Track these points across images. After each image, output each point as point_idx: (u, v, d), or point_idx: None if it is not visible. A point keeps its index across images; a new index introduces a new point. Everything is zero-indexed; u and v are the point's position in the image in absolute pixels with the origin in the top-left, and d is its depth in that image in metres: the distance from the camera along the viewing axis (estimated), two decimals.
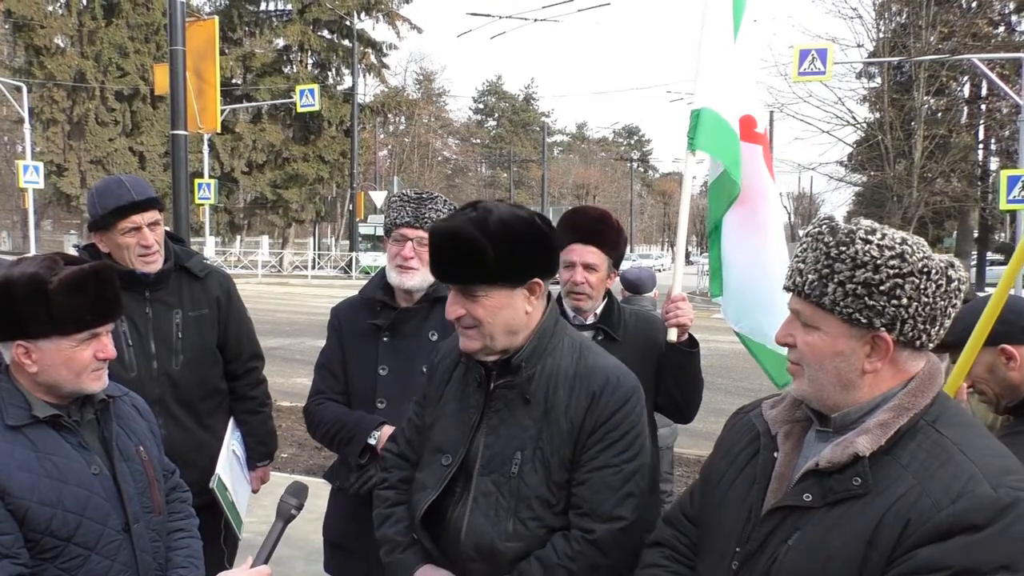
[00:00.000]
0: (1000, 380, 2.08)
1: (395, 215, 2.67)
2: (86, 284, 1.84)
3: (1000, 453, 1.38)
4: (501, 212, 1.78)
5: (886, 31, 27.00)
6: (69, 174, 37.76)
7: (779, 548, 1.45)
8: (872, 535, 1.33)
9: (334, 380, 2.75)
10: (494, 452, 1.86)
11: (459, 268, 1.80)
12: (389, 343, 2.66)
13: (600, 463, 1.82)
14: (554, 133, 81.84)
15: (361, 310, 2.77)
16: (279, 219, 44.37)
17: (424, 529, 1.93)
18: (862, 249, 1.39)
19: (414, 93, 59.51)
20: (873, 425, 1.41)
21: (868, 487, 1.37)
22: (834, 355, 1.44)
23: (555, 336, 1.91)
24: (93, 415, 1.96)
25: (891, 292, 1.38)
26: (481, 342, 1.84)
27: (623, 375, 1.91)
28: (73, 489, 1.82)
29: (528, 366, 1.86)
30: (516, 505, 1.83)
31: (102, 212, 2.69)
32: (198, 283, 2.93)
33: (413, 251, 2.62)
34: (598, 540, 1.80)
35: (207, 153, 29.74)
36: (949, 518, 1.28)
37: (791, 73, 17.72)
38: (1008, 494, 1.28)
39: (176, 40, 6.94)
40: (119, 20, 38.21)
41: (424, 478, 1.96)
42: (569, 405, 1.84)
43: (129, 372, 2.74)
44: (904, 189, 24.92)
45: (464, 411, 1.93)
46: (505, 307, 1.81)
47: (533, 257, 1.82)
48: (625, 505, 1.82)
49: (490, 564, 1.84)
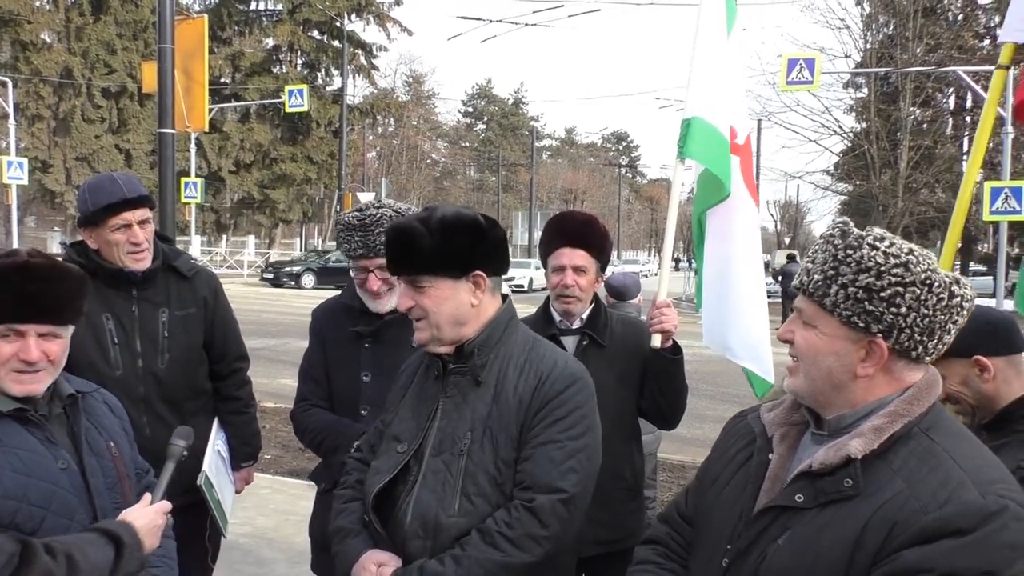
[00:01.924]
0: (975, 392, 2.08)
1: (347, 246, 2.67)
2: (8, 277, 1.80)
3: (990, 462, 1.40)
4: (444, 210, 1.95)
5: (873, 42, 27.26)
6: (54, 171, 37.45)
7: (769, 547, 1.46)
8: (859, 536, 1.35)
9: (317, 386, 2.76)
10: (445, 434, 1.93)
11: (403, 258, 1.94)
12: (371, 349, 2.66)
13: (544, 438, 1.87)
14: (543, 138, 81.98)
15: (341, 315, 2.75)
16: (266, 219, 44.19)
17: (375, 513, 1.96)
18: (868, 254, 1.41)
19: (403, 95, 59.40)
20: (867, 429, 1.42)
21: (859, 489, 1.38)
22: (828, 354, 1.46)
23: (508, 330, 2.02)
24: (62, 409, 1.94)
25: (891, 299, 1.39)
26: (429, 332, 1.95)
27: (571, 362, 2.02)
28: (38, 483, 1.80)
29: (481, 353, 1.96)
30: (463, 481, 1.87)
31: (93, 208, 2.67)
32: (185, 282, 2.92)
33: (378, 281, 2.63)
34: (535, 507, 1.82)
35: (194, 152, 29.53)
36: (935, 521, 1.29)
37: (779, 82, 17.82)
38: (996, 501, 1.29)
39: (165, 38, 6.89)
40: (107, 17, 37.99)
41: (379, 465, 2.00)
42: (518, 384, 1.92)
43: (115, 370, 2.73)
44: (889, 199, 25.13)
45: (422, 402, 2.01)
46: (449, 298, 1.92)
47: (471, 248, 1.92)
48: (567, 478, 1.85)
49: (435, 541, 1.86)
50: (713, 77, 3.21)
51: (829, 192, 29.82)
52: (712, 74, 3.21)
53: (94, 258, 2.73)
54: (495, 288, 2.01)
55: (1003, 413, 2.09)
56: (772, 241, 57.22)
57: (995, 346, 2.06)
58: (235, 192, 43.56)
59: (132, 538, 1.82)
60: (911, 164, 25.10)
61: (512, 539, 1.80)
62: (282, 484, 6.22)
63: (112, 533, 1.80)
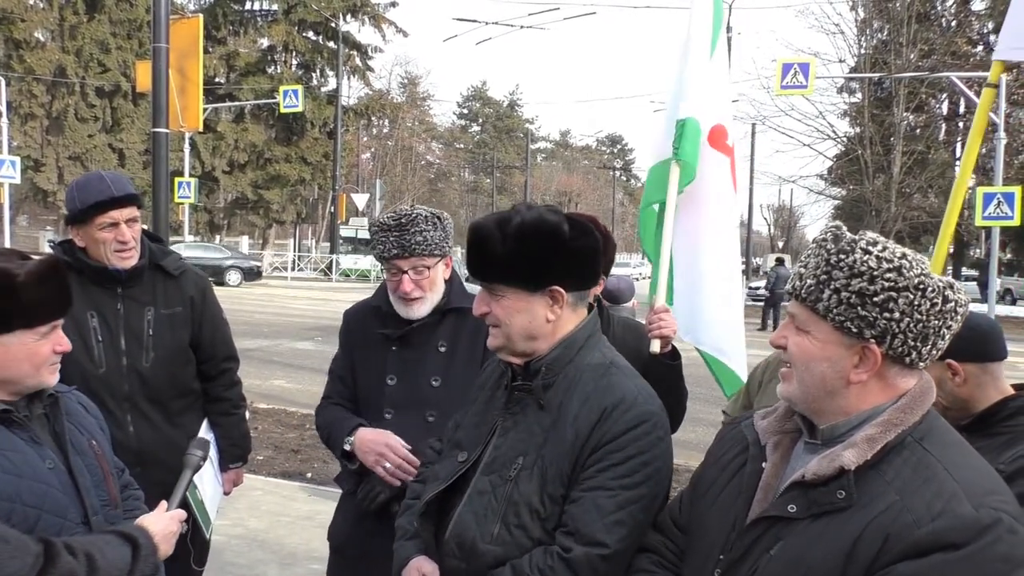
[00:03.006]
0: (948, 393, 2.09)
1: (381, 247, 2.55)
2: (50, 276, 1.85)
3: (985, 473, 1.38)
4: (526, 214, 1.80)
5: (867, 47, 27.41)
6: (46, 169, 37.35)
7: (761, 558, 1.44)
8: (852, 549, 1.33)
9: (342, 386, 2.74)
10: (499, 453, 1.85)
11: (477, 262, 1.85)
12: (398, 353, 2.61)
13: (596, 483, 1.74)
14: (537, 140, 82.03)
15: (370, 317, 2.70)
16: (260, 219, 44.11)
17: (428, 520, 1.93)
18: (861, 259, 1.39)
19: (398, 97, 59.37)
20: (860, 439, 1.40)
21: (851, 501, 1.36)
22: (821, 360, 1.44)
23: (584, 349, 1.87)
24: (42, 410, 1.94)
25: (884, 304, 1.37)
26: (501, 341, 1.86)
27: (643, 397, 1.82)
28: (30, 483, 1.80)
29: (548, 372, 1.84)
30: (506, 509, 1.80)
31: (80, 206, 2.68)
32: (172, 281, 2.92)
33: (411, 283, 2.53)
34: (572, 561, 1.70)
35: (188, 152, 29.48)
36: (928, 535, 1.27)
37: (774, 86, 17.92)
38: (989, 514, 1.27)
39: (160, 37, 6.87)
40: (101, 16, 37.91)
41: (438, 470, 1.98)
42: (578, 416, 1.78)
43: (98, 368, 2.72)
44: (883, 203, 25.25)
45: (488, 412, 1.94)
46: (522, 311, 1.82)
47: (545, 259, 1.79)
48: (612, 532, 1.70)
49: (469, 564, 1.82)
50: (701, 78, 3.24)
51: (823, 196, 30.01)
52: (700, 75, 3.24)
53: (80, 256, 2.73)
54: (577, 303, 1.87)
55: (982, 416, 2.10)
56: (765, 245, 57.36)
57: (969, 352, 2.06)
58: (229, 192, 43.45)
59: (148, 541, 1.83)
60: (904, 169, 25.24)
61: None
62: (275, 486, 6.18)
63: (128, 535, 1.81)
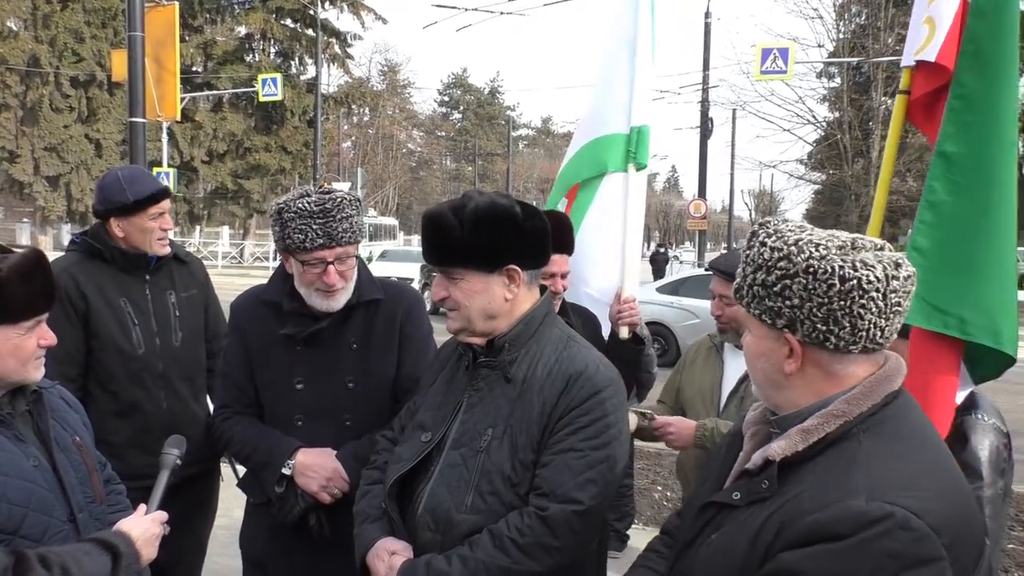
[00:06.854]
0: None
1: (300, 236, 2.25)
2: (34, 271, 1.82)
3: (917, 468, 1.32)
4: (478, 200, 1.88)
5: (846, 32, 27.53)
6: (22, 161, 36.82)
7: (704, 542, 1.48)
8: (755, 537, 1.35)
9: (240, 391, 2.47)
10: (467, 428, 1.90)
11: (435, 248, 1.91)
12: (304, 353, 2.37)
13: (566, 446, 1.82)
14: (519, 127, 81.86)
15: (265, 313, 2.44)
16: (240, 210, 43.74)
17: (393, 501, 1.95)
18: (758, 251, 1.43)
19: (379, 84, 59.04)
20: (795, 431, 1.40)
21: (772, 491, 1.38)
22: (758, 355, 1.47)
23: (543, 326, 1.96)
24: (26, 407, 1.92)
25: (782, 293, 1.38)
26: (461, 323, 1.93)
27: (603, 366, 1.93)
28: (16, 482, 1.78)
29: (511, 348, 1.92)
30: (479, 479, 1.84)
31: (134, 197, 2.82)
32: (184, 266, 3.12)
33: (336, 275, 2.30)
34: (549, 518, 1.78)
35: (166, 142, 29.13)
36: (812, 524, 1.27)
37: (753, 71, 17.97)
38: (880, 508, 1.23)
39: (135, 26, 6.78)
40: (75, 4, 37.28)
41: (402, 451, 2.00)
42: (544, 385, 1.87)
43: (137, 349, 2.87)
44: (862, 188, 25.42)
45: (451, 392, 1.99)
46: (481, 292, 1.89)
47: (504, 241, 1.87)
48: (584, 489, 1.79)
49: (444, 536, 1.85)
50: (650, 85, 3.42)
51: (803, 181, 30.14)
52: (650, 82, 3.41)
53: (113, 245, 2.86)
54: (532, 281, 1.96)
55: None
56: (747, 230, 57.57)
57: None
58: (208, 182, 42.99)
59: (129, 548, 1.80)
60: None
61: (522, 546, 1.77)
62: None
63: (108, 543, 1.77)
